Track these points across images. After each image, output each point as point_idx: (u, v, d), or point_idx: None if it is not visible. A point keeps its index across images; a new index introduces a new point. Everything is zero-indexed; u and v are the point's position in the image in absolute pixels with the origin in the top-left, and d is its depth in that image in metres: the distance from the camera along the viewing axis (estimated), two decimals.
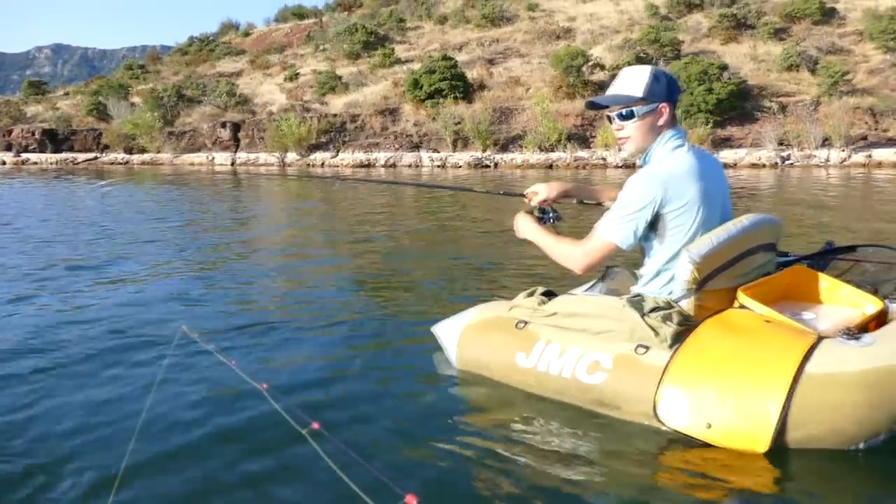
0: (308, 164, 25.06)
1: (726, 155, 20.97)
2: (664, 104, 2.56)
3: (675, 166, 2.51)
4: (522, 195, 2.99)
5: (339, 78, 29.15)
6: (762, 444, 2.12)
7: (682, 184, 2.48)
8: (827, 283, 2.72)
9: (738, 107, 21.85)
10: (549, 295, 2.87)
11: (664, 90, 2.55)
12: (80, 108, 31.93)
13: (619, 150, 2.66)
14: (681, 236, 2.52)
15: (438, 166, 23.07)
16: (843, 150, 19.88)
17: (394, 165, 23.90)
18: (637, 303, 2.50)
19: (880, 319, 2.54)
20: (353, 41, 32.30)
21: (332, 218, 9.89)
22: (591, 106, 2.69)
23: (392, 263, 5.92)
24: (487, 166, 22.44)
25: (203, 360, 3.11)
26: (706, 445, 2.23)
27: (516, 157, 22.86)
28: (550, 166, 21.73)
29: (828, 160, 19.93)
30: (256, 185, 16.31)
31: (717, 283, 2.53)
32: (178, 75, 35.08)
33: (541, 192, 2.91)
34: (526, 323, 2.78)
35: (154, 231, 8.05)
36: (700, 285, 2.48)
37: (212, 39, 43.05)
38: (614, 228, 2.52)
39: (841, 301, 2.67)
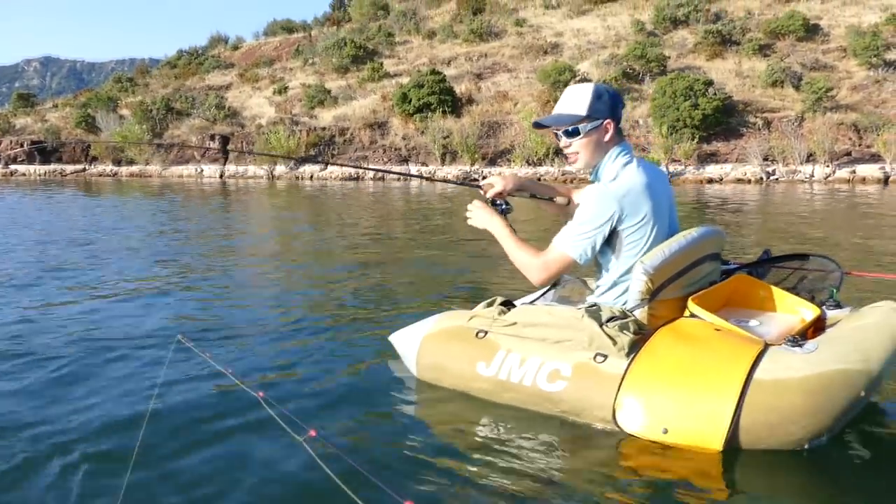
0: (297, 177, 25.08)
1: (712, 170, 21.16)
2: (608, 120, 2.65)
3: (630, 183, 2.59)
4: (479, 186, 3.08)
5: (328, 91, 29.25)
6: (715, 445, 2.24)
7: (638, 201, 2.58)
8: (768, 291, 2.87)
9: (723, 122, 22.07)
10: (508, 305, 2.94)
11: (607, 107, 2.65)
12: (69, 121, 31.83)
13: (569, 165, 2.77)
14: (636, 250, 2.62)
15: (427, 179, 23.14)
16: (828, 166, 20.11)
17: (382, 179, 23.96)
18: (594, 313, 2.59)
19: (818, 325, 2.69)
20: (342, 55, 32.41)
21: (321, 228, 9.95)
22: (538, 126, 2.79)
23: (382, 272, 6.03)
24: (476, 180, 22.56)
25: (200, 369, 3.13)
26: (663, 448, 2.33)
27: (504, 171, 22.96)
28: (538, 180, 21.84)
29: (812, 175, 20.15)
30: (246, 196, 16.31)
31: (668, 293, 2.64)
32: (166, 88, 35.05)
33: (496, 184, 3.01)
34: (486, 332, 2.84)
35: (145, 241, 8.09)
36: (653, 295, 2.58)
37: (201, 53, 43.04)
38: (572, 244, 2.61)
39: (781, 308, 2.81)
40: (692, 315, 2.59)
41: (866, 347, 2.32)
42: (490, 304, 2.95)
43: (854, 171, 19.87)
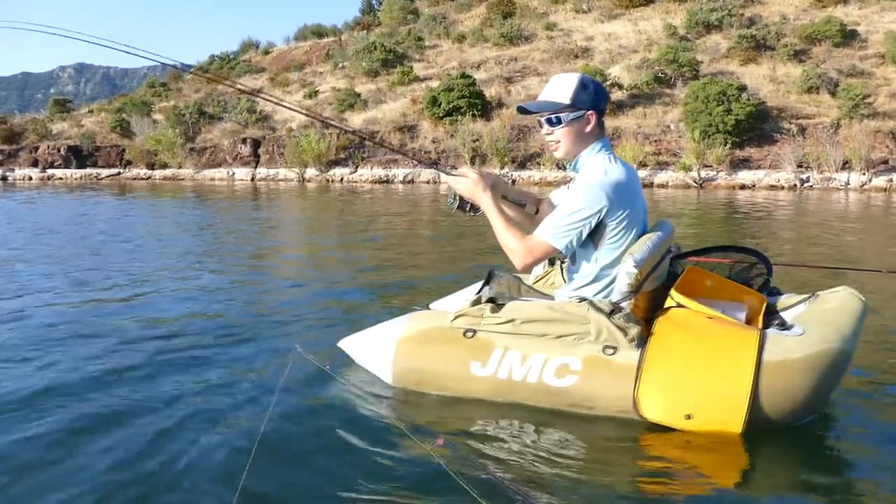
0: (327, 180, 25.26)
1: (744, 176, 20.91)
2: (591, 112, 2.67)
3: (618, 177, 2.62)
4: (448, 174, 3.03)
5: (358, 95, 29.45)
6: (736, 427, 2.37)
7: (625, 195, 2.62)
8: (715, 281, 3.04)
9: (756, 128, 21.82)
10: (492, 302, 2.84)
11: (591, 98, 2.66)
12: (104, 125, 32.45)
13: (551, 152, 2.82)
14: (619, 244, 2.66)
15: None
16: (864, 174, 19.78)
17: (412, 181, 24.05)
18: (598, 306, 2.61)
19: (766, 311, 2.89)
20: (372, 59, 32.63)
21: (423, 230, 10.04)
22: (522, 111, 2.77)
23: (463, 276, 5.96)
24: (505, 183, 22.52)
25: (319, 380, 3.04)
26: (683, 434, 2.42)
27: (534, 174, 22.93)
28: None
29: (847, 183, 19.83)
30: (300, 199, 16.45)
31: (647, 285, 2.71)
32: (199, 93, 35.56)
33: (469, 175, 2.89)
34: (474, 332, 2.77)
35: (248, 247, 8.23)
36: (638, 288, 2.63)
37: (232, 58, 43.57)
38: (558, 234, 2.61)
39: (729, 296, 2.97)
40: (679, 305, 2.67)
41: (842, 328, 2.53)
42: (476, 303, 2.86)
43: (891, 180, 19.52)
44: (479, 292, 3.09)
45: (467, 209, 2.93)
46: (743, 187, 20.46)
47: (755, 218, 11.84)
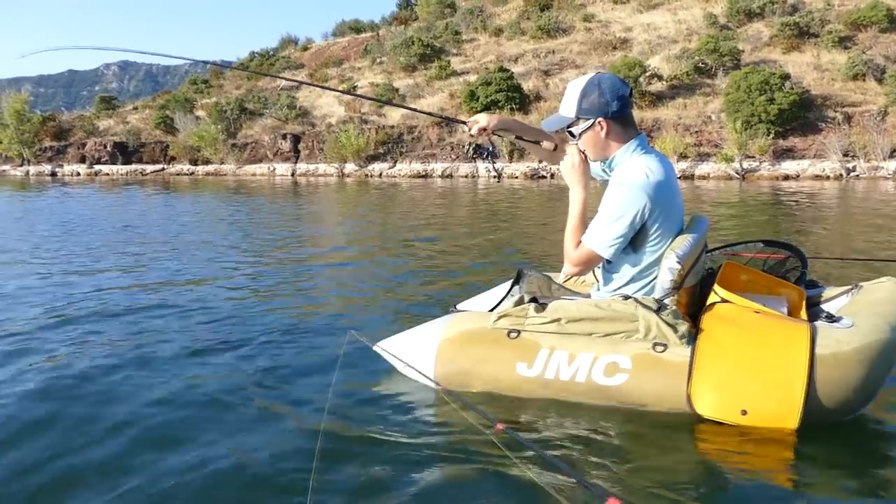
0: (366, 175, 25.49)
1: (788, 166, 20.56)
2: (599, 119, 2.62)
3: (656, 177, 2.58)
4: (464, 122, 3.05)
5: (397, 90, 29.60)
6: (792, 422, 2.36)
7: (663, 195, 2.59)
8: (749, 275, 3.02)
9: (800, 117, 21.42)
10: (536, 302, 2.82)
11: (595, 106, 2.61)
12: (149, 122, 33.16)
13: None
14: (660, 245, 2.64)
15: (494, 177, 23.18)
16: None
17: (450, 176, 24.13)
18: (646, 304, 2.59)
19: (808, 304, 2.89)
20: (410, 54, 32.76)
21: (463, 223, 10.16)
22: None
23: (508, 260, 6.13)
24: (544, 177, 22.48)
25: (375, 363, 3.10)
26: (733, 428, 2.42)
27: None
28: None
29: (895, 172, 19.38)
30: (362, 193, 16.65)
31: (688, 281, 2.70)
32: (240, 89, 36.05)
33: (481, 120, 2.98)
34: (518, 332, 2.73)
35: (302, 238, 8.49)
36: (680, 284, 2.61)
37: (272, 54, 44.12)
38: (605, 243, 2.62)
39: (765, 289, 2.96)
40: (723, 301, 2.64)
41: (891, 319, 2.53)
42: (519, 303, 2.84)
43: None
44: (509, 291, 3.11)
45: (484, 156, 2.97)
46: (787, 178, 20.12)
47: (798, 209, 11.69)
